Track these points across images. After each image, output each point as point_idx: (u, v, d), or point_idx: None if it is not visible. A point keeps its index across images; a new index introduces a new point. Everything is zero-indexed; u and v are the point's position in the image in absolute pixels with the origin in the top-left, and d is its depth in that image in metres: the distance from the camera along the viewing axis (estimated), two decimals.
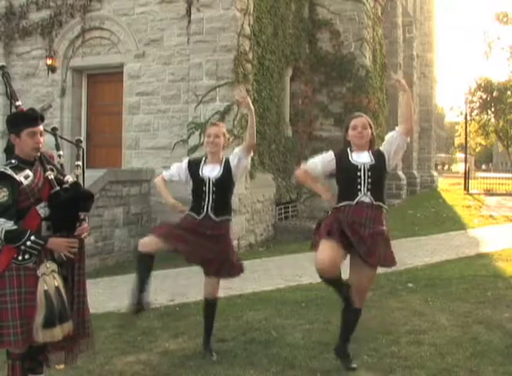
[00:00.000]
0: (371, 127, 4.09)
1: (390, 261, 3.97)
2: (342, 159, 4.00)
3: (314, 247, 3.97)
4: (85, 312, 3.41)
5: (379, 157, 4.00)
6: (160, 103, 11.19)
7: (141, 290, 4.29)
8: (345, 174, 3.97)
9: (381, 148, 4.08)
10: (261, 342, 4.73)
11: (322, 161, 4.10)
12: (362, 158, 3.96)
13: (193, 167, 4.47)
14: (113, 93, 11.87)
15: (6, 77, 3.41)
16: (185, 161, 4.56)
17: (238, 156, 4.46)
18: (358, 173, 3.89)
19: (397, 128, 4.15)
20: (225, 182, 4.42)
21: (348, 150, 4.04)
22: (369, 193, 3.87)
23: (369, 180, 3.88)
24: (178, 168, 4.55)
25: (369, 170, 3.89)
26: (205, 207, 4.32)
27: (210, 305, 4.53)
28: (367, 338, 4.69)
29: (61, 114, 11.98)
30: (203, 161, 4.48)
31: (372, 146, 4.10)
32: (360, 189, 3.87)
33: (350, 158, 3.97)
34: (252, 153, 4.57)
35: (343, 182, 4.01)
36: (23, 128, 3.18)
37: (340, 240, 3.80)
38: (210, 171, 4.40)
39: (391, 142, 4.09)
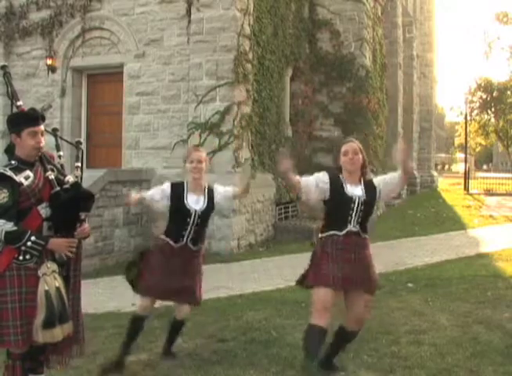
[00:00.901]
0: (362, 152, 4.03)
1: (377, 286, 4.01)
2: (337, 187, 3.94)
3: (307, 285, 4.09)
4: (79, 316, 3.40)
5: (371, 190, 3.98)
6: (160, 103, 11.19)
7: (127, 352, 4.29)
8: (338, 203, 3.92)
9: (375, 182, 4.03)
10: (261, 342, 4.73)
11: (316, 179, 3.99)
12: (356, 191, 3.93)
13: (176, 192, 4.26)
14: (113, 93, 11.87)
15: (7, 77, 3.41)
16: (167, 185, 4.34)
17: (225, 198, 4.45)
18: (352, 205, 3.87)
19: (399, 173, 4.02)
20: (209, 214, 4.37)
21: (341, 178, 3.97)
22: (358, 225, 3.89)
23: (361, 214, 3.88)
24: (160, 190, 4.33)
25: (362, 204, 3.88)
26: (185, 237, 4.24)
27: (181, 323, 4.50)
28: (367, 338, 4.69)
29: (61, 114, 11.99)
30: (185, 188, 4.30)
31: (363, 171, 4.05)
32: (350, 221, 3.88)
33: (345, 189, 3.92)
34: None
35: (334, 210, 3.96)
36: (23, 128, 3.18)
37: (334, 284, 3.80)
38: (196, 203, 4.27)
39: (390, 182, 4.03)
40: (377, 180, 4.05)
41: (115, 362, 4.19)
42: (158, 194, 4.30)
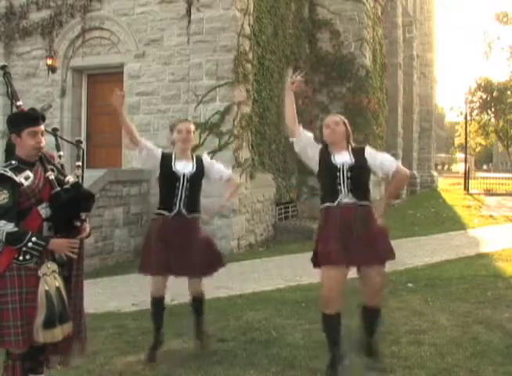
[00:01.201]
0: (345, 124, 4.04)
1: (387, 255, 3.89)
2: (324, 157, 3.96)
3: (316, 265, 3.95)
4: (82, 315, 3.41)
5: (360, 156, 3.94)
6: (160, 103, 11.19)
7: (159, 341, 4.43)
8: (326, 173, 3.93)
9: (367, 153, 3.99)
10: (261, 342, 4.72)
11: (313, 142, 4.07)
12: (342, 158, 3.91)
13: (165, 159, 4.35)
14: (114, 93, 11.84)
15: (7, 77, 3.40)
16: (159, 149, 4.42)
17: (222, 172, 4.60)
18: (338, 173, 3.84)
19: (392, 169, 3.97)
20: (198, 179, 4.44)
21: (329, 149, 3.99)
22: (350, 193, 3.82)
23: (350, 180, 3.83)
24: (150, 148, 4.39)
25: (348, 170, 3.84)
26: (177, 203, 4.28)
27: (197, 301, 4.58)
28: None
29: (61, 114, 11.99)
30: (173, 157, 4.38)
31: (349, 141, 4.05)
32: (340, 190, 3.83)
33: (332, 158, 3.92)
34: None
35: (324, 181, 3.98)
36: (24, 128, 3.18)
37: (339, 261, 3.73)
38: (184, 167, 4.35)
39: (380, 166, 3.97)
40: (369, 154, 4.00)
41: (152, 348, 4.36)
42: (151, 149, 4.36)
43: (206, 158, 4.58)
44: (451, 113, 57.13)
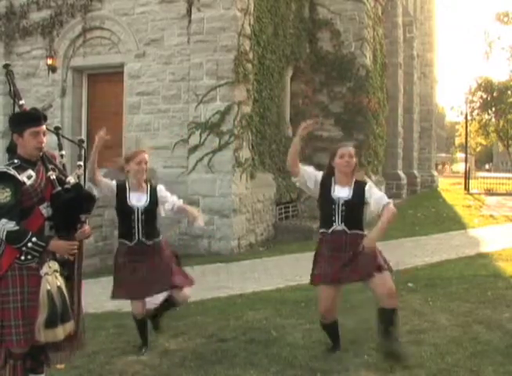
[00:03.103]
0: (356, 156, 4.31)
1: (378, 265, 4.11)
2: (325, 188, 4.25)
3: (313, 283, 4.34)
4: (80, 313, 3.41)
5: (359, 192, 4.19)
6: (160, 103, 11.19)
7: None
8: (323, 203, 4.26)
9: (367, 192, 4.18)
10: (261, 342, 4.73)
11: (315, 174, 4.37)
12: (340, 192, 4.19)
13: (120, 191, 4.48)
14: (114, 93, 11.87)
15: (10, 76, 3.41)
16: (113, 183, 4.52)
17: (171, 206, 4.63)
18: (333, 206, 4.15)
19: (383, 203, 4.15)
20: (153, 210, 4.54)
21: (332, 179, 4.26)
22: (342, 223, 4.13)
23: (343, 213, 4.13)
24: (108, 185, 4.50)
25: (343, 204, 4.14)
26: (136, 233, 4.45)
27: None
28: (367, 338, 4.69)
29: (61, 114, 11.99)
30: (127, 187, 4.49)
31: (354, 173, 4.28)
32: (334, 221, 4.15)
33: (331, 191, 4.21)
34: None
35: (322, 208, 4.32)
36: (26, 128, 3.18)
37: (333, 279, 4.11)
38: (138, 199, 4.47)
39: (373, 200, 4.17)
40: (369, 193, 4.18)
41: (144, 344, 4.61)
42: (109, 185, 4.48)
43: (160, 190, 4.65)
44: (451, 112, 57.18)
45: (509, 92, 47.18)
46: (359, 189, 4.20)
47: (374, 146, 14.92)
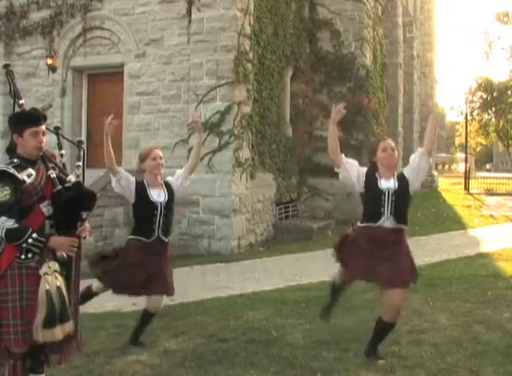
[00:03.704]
0: (396, 149, 4.35)
1: (410, 279, 4.25)
2: (370, 181, 4.21)
3: (340, 264, 4.49)
4: (77, 313, 3.40)
5: (402, 181, 4.22)
6: (160, 103, 11.19)
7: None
8: (371, 196, 4.20)
9: (405, 172, 4.28)
10: (262, 342, 4.72)
11: (358, 167, 4.31)
12: (387, 183, 4.18)
13: (140, 188, 4.51)
14: (114, 93, 11.87)
15: (10, 76, 3.41)
16: (133, 178, 4.55)
17: (182, 177, 4.77)
18: (383, 197, 4.11)
19: (419, 149, 4.36)
20: (172, 204, 4.62)
21: (377, 174, 4.22)
22: (391, 216, 4.11)
23: (393, 204, 4.11)
24: (128, 177, 4.51)
25: (393, 194, 4.12)
26: (156, 230, 4.48)
27: (153, 315, 4.67)
28: (368, 338, 4.69)
29: (61, 114, 12.00)
30: (146, 184, 4.54)
31: (397, 166, 4.34)
32: (384, 213, 4.11)
33: (378, 183, 4.18)
34: (192, 175, 4.90)
35: (368, 203, 4.25)
36: (25, 128, 3.18)
37: (366, 276, 4.22)
38: (158, 196, 4.53)
39: (414, 168, 4.28)
40: (406, 171, 4.30)
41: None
42: (128, 178, 4.49)
43: (172, 181, 4.75)
44: (451, 112, 57.13)
45: (509, 92, 47.16)
46: (402, 177, 4.23)
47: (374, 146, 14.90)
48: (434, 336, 4.76)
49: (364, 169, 4.28)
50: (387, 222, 4.09)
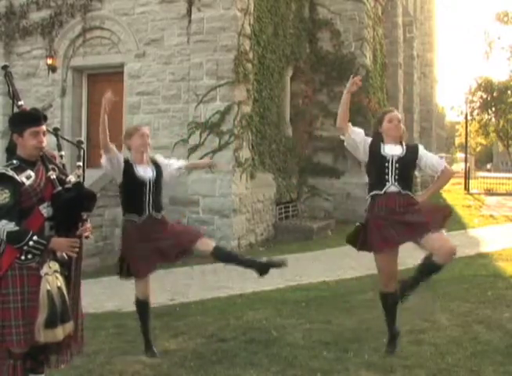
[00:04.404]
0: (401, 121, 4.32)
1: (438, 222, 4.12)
2: (374, 149, 4.20)
3: (374, 250, 4.22)
4: (78, 314, 3.40)
5: (412, 152, 4.21)
6: (160, 103, 11.19)
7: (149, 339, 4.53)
8: (375, 164, 4.20)
9: (421, 152, 4.24)
10: (262, 342, 4.72)
11: (364, 136, 4.26)
12: (392, 150, 4.17)
13: (127, 166, 4.44)
14: (114, 93, 11.81)
15: (9, 77, 3.41)
16: (122, 157, 4.46)
17: (178, 166, 4.75)
18: (387, 164, 4.11)
19: (440, 168, 4.27)
20: (160, 181, 4.56)
21: (381, 142, 4.22)
22: (396, 182, 4.09)
23: (397, 171, 4.09)
24: (119, 156, 4.43)
25: (397, 162, 4.11)
26: (147, 207, 4.40)
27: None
28: (367, 338, 4.70)
29: (61, 114, 12.00)
30: (132, 162, 4.47)
31: (403, 139, 4.31)
32: (388, 180, 4.10)
33: (381, 150, 4.17)
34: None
35: (373, 171, 4.24)
36: (26, 128, 3.18)
37: (396, 242, 4.11)
38: (145, 172, 4.46)
39: (430, 164, 4.25)
40: (424, 155, 4.24)
41: (145, 347, 4.48)
42: (118, 158, 4.41)
43: (159, 158, 4.71)
44: (451, 112, 57.13)
45: (509, 92, 47.16)
46: (412, 149, 4.22)
47: None
48: (434, 336, 4.76)
49: (369, 139, 4.26)
50: (392, 187, 4.09)
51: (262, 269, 4.49)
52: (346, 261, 9.02)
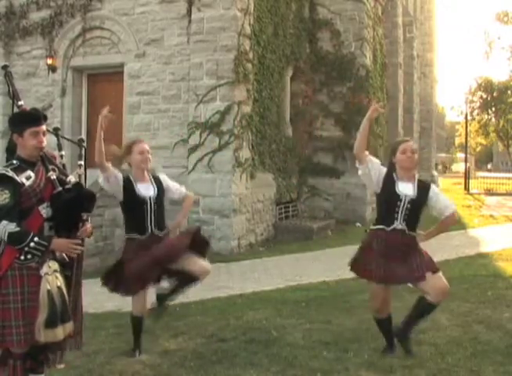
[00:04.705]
0: (417, 152, 4.25)
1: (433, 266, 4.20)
2: (389, 185, 4.13)
3: (360, 275, 4.31)
4: (78, 313, 3.40)
5: (423, 191, 4.14)
6: (160, 103, 11.19)
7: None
8: (387, 199, 4.14)
9: (431, 195, 4.17)
10: (262, 342, 4.72)
11: (379, 167, 4.23)
12: (406, 189, 4.10)
13: (127, 183, 4.36)
14: (114, 93, 11.87)
15: (9, 77, 3.41)
16: (120, 175, 4.37)
17: (179, 192, 4.66)
18: (399, 203, 4.06)
19: (447, 213, 4.26)
20: (162, 199, 4.48)
21: (394, 175, 4.15)
22: (404, 222, 4.07)
23: (407, 212, 4.06)
24: (116, 174, 4.35)
25: (409, 202, 4.06)
26: (149, 226, 4.33)
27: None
28: (367, 338, 4.69)
29: (61, 114, 12.00)
30: (132, 179, 4.38)
31: (416, 169, 4.26)
32: (396, 218, 4.06)
33: (396, 188, 4.10)
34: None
35: (383, 205, 4.20)
36: (26, 128, 3.18)
37: (390, 280, 4.11)
38: (147, 190, 4.37)
39: (438, 208, 4.22)
40: (433, 196, 4.18)
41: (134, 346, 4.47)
42: (116, 175, 4.33)
43: (164, 179, 4.61)
44: (451, 112, 57.21)
45: (509, 92, 47.18)
46: (424, 188, 4.15)
47: (374, 146, 14.91)
48: (434, 336, 4.77)
49: (384, 170, 4.20)
50: (399, 226, 4.07)
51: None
52: (346, 261, 9.00)
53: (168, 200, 4.63)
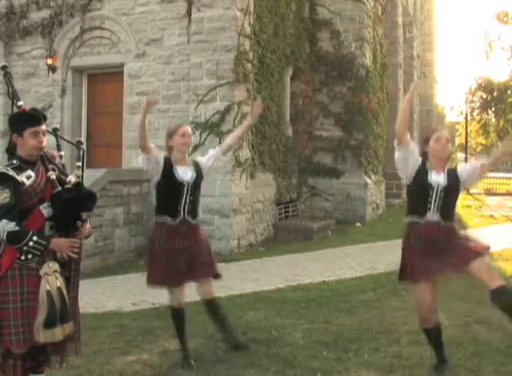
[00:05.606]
0: (450, 142, 4.15)
1: (478, 250, 3.97)
2: (421, 173, 4.02)
3: (403, 279, 4.18)
4: (76, 315, 3.40)
5: (453, 178, 4.03)
6: (160, 103, 11.16)
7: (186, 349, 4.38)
8: (419, 189, 4.00)
9: (459, 171, 4.08)
10: (262, 342, 4.73)
11: (415, 153, 4.07)
12: (437, 178, 3.99)
13: (167, 166, 4.31)
14: (114, 93, 11.87)
15: (8, 77, 3.40)
16: (162, 155, 4.33)
17: (214, 157, 4.60)
18: (431, 192, 3.94)
19: (482, 162, 4.11)
20: (200, 184, 4.45)
21: (427, 165, 4.04)
22: (438, 212, 3.93)
23: (440, 201, 3.93)
24: (157, 157, 4.29)
25: (441, 191, 3.94)
26: (181, 210, 4.28)
27: (211, 304, 4.55)
28: (368, 338, 4.70)
29: (61, 114, 11.99)
30: (173, 162, 4.34)
31: (449, 160, 4.18)
32: (430, 208, 3.93)
33: (429, 177, 3.98)
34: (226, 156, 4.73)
35: (415, 195, 4.06)
36: (25, 128, 3.18)
37: (436, 272, 3.98)
38: (185, 174, 4.33)
39: (472, 174, 4.09)
40: (460, 170, 4.09)
41: (182, 357, 4.30)
42: (158, 156, 4.30)
43: (201, 161, 4.59)
44: (451, 112, 57.08)
45: (509, 92, 47.11)
46: (453, 174, 4.04)
47: (374, 146, 14.91)
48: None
49: (420, 160, 4.01)
50: (433, 217, 3.92)
51: None
52: (346, 261, 9.03)
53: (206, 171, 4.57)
